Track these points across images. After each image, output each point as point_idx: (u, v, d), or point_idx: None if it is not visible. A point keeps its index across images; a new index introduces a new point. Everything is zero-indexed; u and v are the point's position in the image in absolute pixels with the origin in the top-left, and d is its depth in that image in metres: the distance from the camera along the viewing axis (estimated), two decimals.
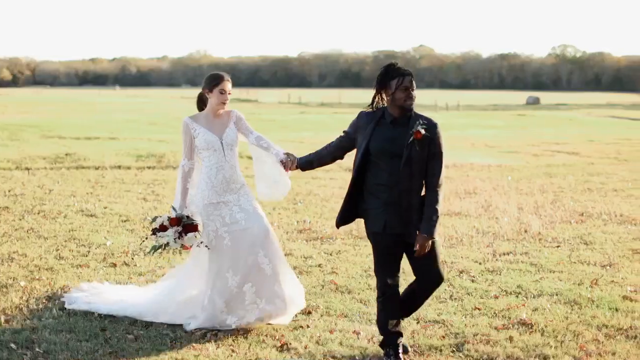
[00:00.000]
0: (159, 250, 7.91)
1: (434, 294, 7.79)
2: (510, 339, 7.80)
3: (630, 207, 15.91)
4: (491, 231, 13.05)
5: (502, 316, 8.59)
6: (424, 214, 6.94)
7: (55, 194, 16.21)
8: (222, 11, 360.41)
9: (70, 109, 58.67)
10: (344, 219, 7.33)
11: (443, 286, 9.74)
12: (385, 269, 7.11)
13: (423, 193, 7.02)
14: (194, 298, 8.18)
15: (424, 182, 6.99)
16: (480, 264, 10.88)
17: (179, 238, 7.77)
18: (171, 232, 7.76)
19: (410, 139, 6.86)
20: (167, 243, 7.79)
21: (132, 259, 10.77)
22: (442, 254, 11.32)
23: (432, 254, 7.03)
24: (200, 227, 7.88)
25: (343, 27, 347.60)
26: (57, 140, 28.73)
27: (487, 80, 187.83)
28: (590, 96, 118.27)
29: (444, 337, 7.90)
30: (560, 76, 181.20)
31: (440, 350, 7.55)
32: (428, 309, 8.80)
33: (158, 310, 8.17)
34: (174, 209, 7.95)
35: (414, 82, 7.03)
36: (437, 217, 6.95)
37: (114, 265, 10.43)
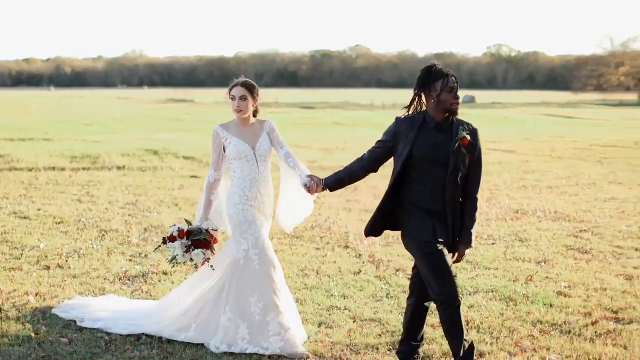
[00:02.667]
0: (174, 260, 7.53)
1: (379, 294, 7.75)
2: None
3: (564, 204, 16.11)
4: None
5: (436, 313, 8.62)
6: (465, 223, 6.76)
7: None
8: (158, 11, 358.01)
9: (3, 110, 57.76)
10: (374, 229, 7.01)
11: (379, 284, 9.79)
12: (447, 274, 6.57)
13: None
14: (211, 317, 7.65)
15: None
16: None
17: (186, 252, 7.44)
18: (178, 244, 7.43)
19: (456, 145, 6.59)
20: (176, 256, 7.47)
21: (66, 261, 10.63)
22: (390, 253, 11.40)
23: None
24: (215, 243, 7.56)
25: (279, 27, 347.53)
26: None
27: None
28: (524, 94, 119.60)
29: (380, 335, 7.92)
30: (496, 75, 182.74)
31: (377, 349, 7.56)
32: (364, 307, 8.82)
33: (178, 328, 7.75)
34: (187, 221, 7.59)
35: (457, 83, 6.70)
36: (476, 225, 6.81)
37: (48, 267, 10.28)
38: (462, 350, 6.70)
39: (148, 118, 49.51)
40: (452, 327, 6.70)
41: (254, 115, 7.73)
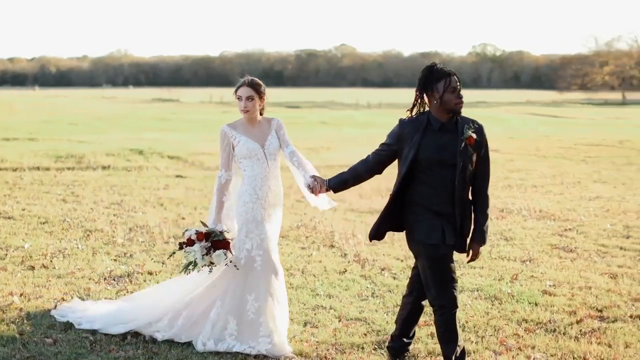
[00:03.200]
0: (190, 267, 7.36)
1: (356, 292, 7.72)
2: (432, 335, 7.85)
3: (549, 203, 16.15)
4: None
5: (424, 313, 8.61)
6: (477, 221, 6.64)
7: None
8: (143, 10, 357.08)
9: None
10: (379, 233, 6.84)
11: (365, 283, 9.79)
12: (448, 281, 6.56)
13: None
14: (202, 314, 7.65)
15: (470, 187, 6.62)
16: (402, 261, 10.93)
17: (206, 254, 7.25)
18: (198, 247, 7.24)
19: (463, 145, 6.46)
20: (195, 260, 7.27)
21: (51, 261, 10.59)
22: (375, 252, 11.39)
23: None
24: (232, 246, 7.39)
25: (265, 26, 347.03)
26: None
27: (409, 78, 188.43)
28: (510, 94, 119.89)
29: (365, 334, 7.92)
30: (481, 74, 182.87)
31: (362, 348, 7.56)
32: (350, 307, 8.82)
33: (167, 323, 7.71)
34: (203, 224, 7.47)
35: (459, 82, 6.54)
36: (488, 223, 6.68)
37: (32, 268, 10.24)
38: (454, 356, 6.68)
39: (133, 118, 49.43)
40: (447, 333, 6.67)
41: (261, 114, 7.68)
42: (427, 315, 8.54)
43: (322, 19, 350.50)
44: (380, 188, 17.40)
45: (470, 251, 6.71)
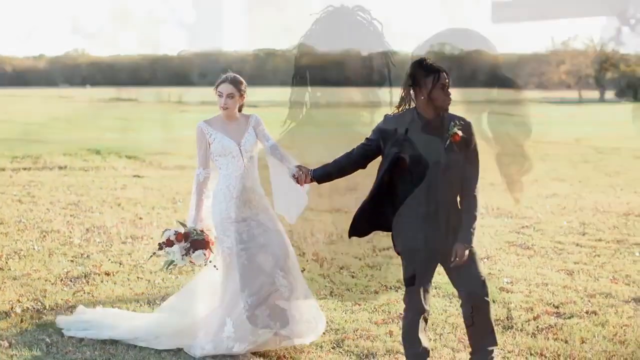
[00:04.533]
0: (171, 266, 7.29)
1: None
2: (391, 333, 7.87)
3: (506, 201, 16.20)
4: None
5: (382, 311, 8.66)
6: (463, 221, 6.39)
7: None
8: (100, 9, 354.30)
9: None
10: (358, 229, 6.66)
11: (323, 282, 9.78)
12: (420, 285, 6.50)
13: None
14: (198, 320, 7.58)
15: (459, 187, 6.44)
16: (360, 259, 10.94)
17: (185, 255, 7.18)
18: (177, 248, 7.16)
19: (448, 143, 6.29)
20: (174, 260, 7.21)
21: (7, 262, 10.48)
22: (334, 251, 11.37)
23: (473, 261, 6.51)
24: (212, 245, 7.32)
25: (223, 26, 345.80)
26: None
27: (368, 78, 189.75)
28: (468, 92, 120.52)
29: (324, 333, 7.90)
30: None
31: (321, 347, 7.56)
32: None
33: (156, 334, 7.56)
34: (182, 224, 7.35)
35: (448, 79, 6.34)
36: (476, 224, 6.45)
37: None
38: (413, 357, 6.65)
39: (90, 117, 49.03)
40: (408, 335, 6.63)
41: (239, 111, 7.66)
42: (385, 313, 8.57)
43: (280, 18, 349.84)
44: (339, 187, 17.34)
45: (455, 253, 6.42)
